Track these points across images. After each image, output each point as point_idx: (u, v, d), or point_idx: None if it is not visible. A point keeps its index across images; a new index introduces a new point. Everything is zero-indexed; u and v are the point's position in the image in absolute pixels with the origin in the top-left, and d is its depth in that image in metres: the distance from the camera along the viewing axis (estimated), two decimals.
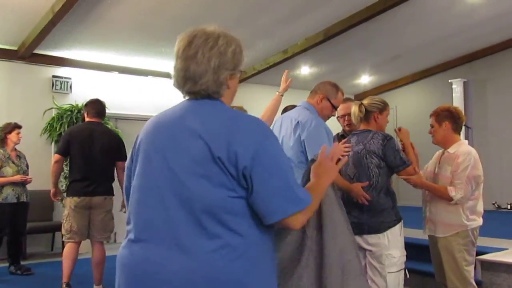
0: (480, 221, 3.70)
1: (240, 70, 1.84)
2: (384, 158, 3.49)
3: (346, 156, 3.67)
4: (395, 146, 3.52)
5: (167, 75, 9.91)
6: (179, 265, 1.60)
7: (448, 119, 3.78)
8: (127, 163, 1.92)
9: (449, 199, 3.57)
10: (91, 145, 5.06)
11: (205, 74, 1.71)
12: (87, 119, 5.34)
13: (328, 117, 3.75)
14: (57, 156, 5.16)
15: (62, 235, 5.24)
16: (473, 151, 3.73)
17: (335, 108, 3.72)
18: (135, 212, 1.75)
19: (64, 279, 4.92)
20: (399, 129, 3.78)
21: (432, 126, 3.83)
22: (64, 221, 5.08)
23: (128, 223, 1.78)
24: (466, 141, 3.92)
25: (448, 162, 3.71)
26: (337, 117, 4.39)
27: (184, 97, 1.83)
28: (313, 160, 2.19)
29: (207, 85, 1.72)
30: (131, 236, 1.74)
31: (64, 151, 5.13)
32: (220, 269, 1.60)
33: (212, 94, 1.75)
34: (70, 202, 5.04)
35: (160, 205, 1.67)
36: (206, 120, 1.69)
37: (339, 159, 2.04)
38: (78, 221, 4.99)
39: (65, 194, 5.28)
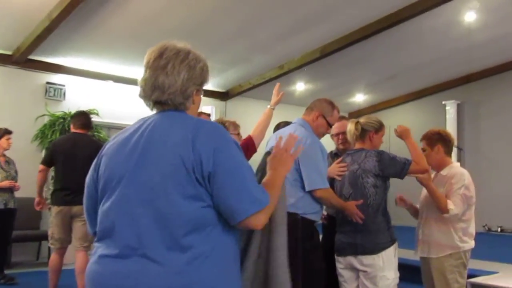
0: (472, 244, 3.70)
1: (203, 89, 1.90)
2: (383, 174, 3.47)
3: (341, 177, 3.66)
4: (389, 156, 3.51)
5: None
6: (155, 280, 1.62)
7: (440, 142, 3.78)
8: (87, 181, 1.91)
9: (445, 210, 3.52)
10: (73, 156, 5.15)
11: (174, 85, 1.77)
12: (72, 130, 5.48)
13: (323, 135, 3.73)
14: (41, 166, 5.34)
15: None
16: (466, 172, 3.75)
17: (330, 126, 3.70)
18: (107, 229, 1.75)
19: None
20: (396, 129, 3.71)
21: (424, 150, 3.79)
22: (49, 227, 5.29)
23: (99, 239, 1.79)
24: (458, 163, 3.92)
25: (441, 184, 3.70)
26: (331, 135, 4.37)
27: (151, 109, 1.87)
28: (268, 153, 2.20)
29: (175, 95, 1.78)
30: (103, 251, 1.74)
31: (48, 162, 5.33)
32: (195, 280, 1.63)
33: (178, 106, 1.80)
34: (52, 210, 5.20)
35: (132, 221, 1.68)
36: (173, 131, 1.73)
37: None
38: (59, 228, 5.13)
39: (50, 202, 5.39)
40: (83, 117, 5.51)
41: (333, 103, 3.71)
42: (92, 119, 7.32)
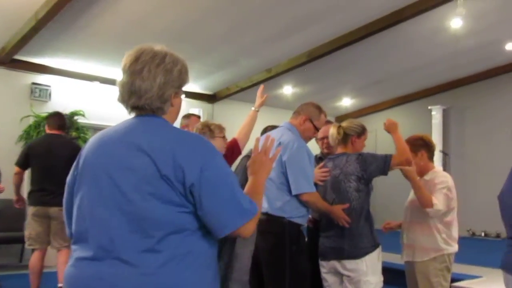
0: (456, 247, 3.73)
1: (183, 90, 1.89)
2: (366, 175, 3.47)
3: (323, 182, 3.66)
4: (369, 154, 3.53)
5: None
6: (129, 282, 1.62)
7: (423, 148, 3.81)
8: (68, 180, 1.90)
9: (429, 204, 3.53)
10: (49, 157, 5.17)
11: (150, 90, 1.75)
12: (47, 131, 5.48)
13: (310, 139, 3.74)
14: (16, 169, 5.32)
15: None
16: (448, 176, 3.79)
17: (317, 130, 3.72)
18: (82, 231, 1.75)
19: None
20: (385, 123, 3.69)
21: None
22: (26, 229, 5.31)
23: (75, 242, 1.79)
24: (441, 168, 3.95)
25: (425, 188, 3.72)
26: (316, 139, 4.39)
27: (129, 113, 1.85)
28: (248, 156, 2.20)
29: (152, 100, 1.76)
30: (79, 254, 1.74)
31: (23, 164, 5.31)
32: (168, 283, 1.64)
33: (156, 110, 1.79)
34: (29, 210, 5.26)
35: (108, 224, 1.68)
36: (152, 138, 1.71)
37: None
38: (36, 228, 5.17)
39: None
40: (57, 118, 5.51)
41: (321, 108, 3.72)
42: (78, 120, 7.31)
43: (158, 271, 1.62)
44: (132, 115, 1.84)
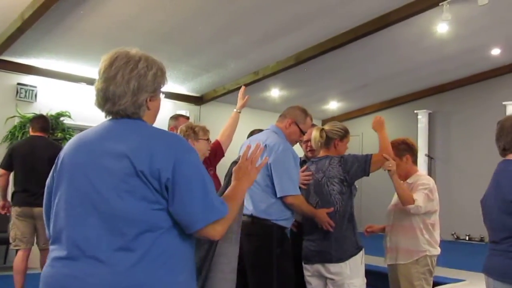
0: (438, 250, 3.76)
1: (162, 92, 1.90)
2: (349, 176, 3.49)
3: (306, 185, 3.67)
4: (350, 155, 3.56)
5: None
6: (102, 280, 1.63)
7: (408, 152, 3.84)
8: (47, 182, 1.91)
9: (410, 201, 3.55)
10: (32, 159, 5.27)
11: (124, 96, 1.76)
12: (31, 133, 5.57)
13: (296, 142, 3.76)
14: (1, 171, 5.37)
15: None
16: (431, 180, 3.83)
17: (303, 133, 3.73)
18: (59, 231, 1.75)
19: None
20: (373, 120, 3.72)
21: None
22: (11, 230, 5.36)
23: (52, 242, 1.79)
24: (425, 172, 3.99)
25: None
26: (300, 142, 4.40)
27: (105, 117, 1.87)
28: (235, 162, 2.22)
29: (125, 106, 1.77)
30: (56, 254, 1.75)
31: (7, 165, 5.37)
32: (141, 282, 1.64)
33: (131, 115, 1.80)
34: (13, 211, 5.31)
35: (83, 223, 1.69)
36: (127, 137, 1.74)
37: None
38: (22, 228, 5.25)
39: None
40: (41, 120, 5.60)
41: (306, 111, 3.73)
42: (64, 121, 7.27)
43: (131, 269, 1.63)
44: (109, 117, 1.86)
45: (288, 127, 3.66)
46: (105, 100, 1.78)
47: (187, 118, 5.00)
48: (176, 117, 4.85)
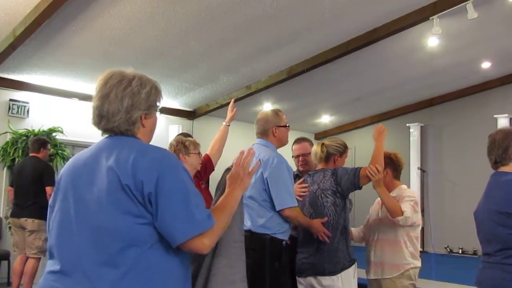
0: (420, 262, 3.78)
1: (158, 110, 1.95)
2: (341, 188, 3.49)
3: (303, 198, 3.69)
4: (341, 169, 3.57)
5: None
6: None
7: (389, 166, 3.83)
8: (50, 202, 1.94)
9: (399, 212, 3.54)
10: (20, 177, 6.29)
11: (118, 113, 1.81)
12: (30, 154, 6.53)
13: (287, 141, 3.74)
14: (9, 188, 6.72)
15: None
16: (415, 193, 3.88)
17: (288, 126, 3.73)
18: (54, 245, 1.80)
19: None
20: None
21: None
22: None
23: (50, 257, 1.84)
24: (405, 186, 3.99)
25: None
26: (293, 157, 4.41)
27: (101, 135, 1.91)
28: (228, 170, 2.21)
29: (119, 123, 1.83)
30: (50, 268, 1.79)
31: (10, 183, 6.74)
32: None
33: (125, 132, 1.84)
34: (11, 222, 6.39)
35: (72, 237, 1.73)
36: (116, 152, 1.78)
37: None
38: (15, 237, 6.29)
39: None
40: (33, 142, 6.56)
41: (274, 110, 3.75)
42: (56, 137, 7.29)
43: (113, 285, 1.63)
44: (105, 135, 1.91)
45: (275, 134, 3.65)
46: (100, 118, 1.84)
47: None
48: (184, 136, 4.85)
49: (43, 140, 6.62)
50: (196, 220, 1.72)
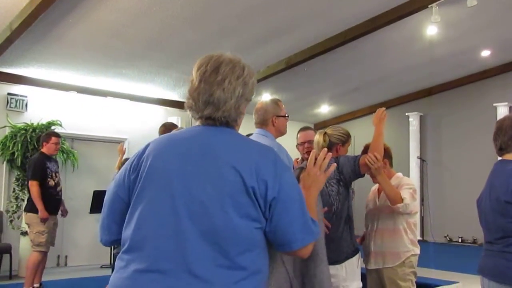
0: (419, 248, 3.79)
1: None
2: (344, 176, 3.46)
3: (335, 163, 3.64)
4: (342, 157, 3.53)
5: (127, 97, 9.77)
6: None
7: (385, 157, 3.75)
8: (119, 182, 1.77)
9: (399, 199, 3.52)
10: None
11: (229, 102, 1.70)
12: None
13: (286, 128, 3.72)
14: None
15: None
16: (413, 181, 3.87)
17: (287, 116, 3.71)
18: (144, 240, 1.62)
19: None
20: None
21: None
22: None
23: (129, 250, 1.65)
24: (401, 174, 3.96)
25: None
26: (296, 145, 4.40)
27: (196, 120, 1.79)
28: (302, 168, 2.20)
29: (229, 112, 1.72)
30: (138, 266, 1.60)
31: None
32: None
33: (231, 122, 1.75)
34: None
35: (177, 235, 1.58)
36: (235, 150, 1.68)
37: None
38: None
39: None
40: (39, 140, 6.64)
41: (273, 100, 3.71)
42: (55, 130, 7.29)
43: None
44: (196, 123, 1.79)
45: (274, 124, 3.63)
46: (207, 105, 1.71)
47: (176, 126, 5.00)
48: (171, 126, 4.84)
49: (44, 135, 6.45)
50: (311, 227, 1.70)
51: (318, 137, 3.69)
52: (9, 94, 7.91)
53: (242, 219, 1.59)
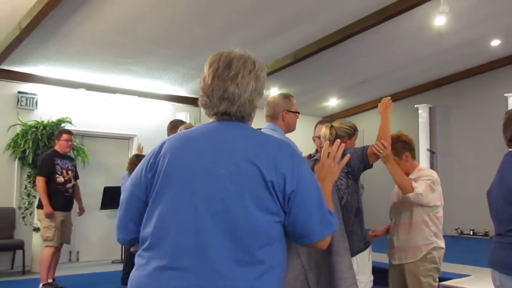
0: (443, 242, 3.72)
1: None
2: (351, 170, 3.44)
3: (348, 154, 3.61)
4: (349, 149, 3.46)
5: (135, 93, 9.78)
6: None
7: (406, 150, 3.76)
8: (135, 181, 1.78)
9: (410, 189, 3.48)
10: None
11: (243, 96, 1.72)
12: None
13: (295, 126, 3.71)
14: None
15: None
16: (434, 173, 3.76)
17: (298, 113, 3.70)
18: (164, 237, 1.62)
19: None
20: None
21: None
22: None
23: (149, 248, 1.65)
24: (424, 166, 3.92)
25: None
26: (313, 137, 4.37)
27: (210, 117, 1.79)
28: (316, 160, 2.20)
29: (244, 107, 1.73)
30: (159, 263, 1.61)
31: None
32: None
33: (246, 117, 1.77)
34: None
35: (198, 232, 1.59)
36: (253, 145, 1.70)
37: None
38: None
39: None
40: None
41: (286, 95, 3.69)
42: (65, 128, 7.35)
43: (253, 283, 1.57)
44: (210, 119, 1.80)
45: (284, 118, 3.62)
46: (222, 100, 1.72)
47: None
48: (178, 123, 4.84)
49: (56, 133, 6.61)
50: (329, 219, 1.72)
51: (324, 130, 3.66)
52: (19, 92, 7.97)
53: (262, 213, 1.60)
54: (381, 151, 3.34)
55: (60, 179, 6.09)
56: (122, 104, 9.05)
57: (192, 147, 1.72)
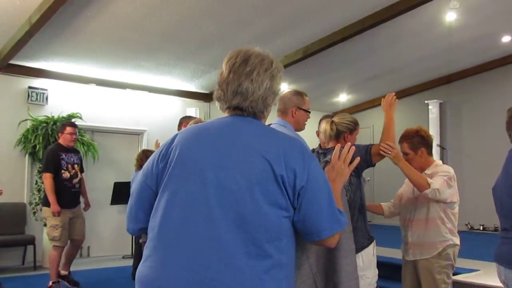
0: (459, 239, 3.70)
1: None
2: (355, 168, 3.42)
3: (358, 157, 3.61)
4: (353, 146, 3.48)
5: (145, 88, 9.81)
6: (231, 287, 1.56)
7: (423, 145, 3.72)
8: (147, 172, 1.80)
9: (425, 185, 3.44)
10: None
11: (257, 93, 1.74)
12: None
13: (305, 124, 3.71)
14: None
15: None
16: (451, 169, 3.70)
17: (308, 112, 3.69)
18: (172, 228, 1.64)
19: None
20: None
21: (406, 154, 3.72)
22: None
23: (156, 238, 1.68)
24: (441, 162, 3.90)
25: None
26: (317, 132, 4.35)
27: (223, 111, 1.83)
28: (326, 162, 2.22)
29: (257, 103, 1.75)
30: (166, 254, 1.64)
31: None
32: None
33: (258, 113, 1.78)
34: None
35: (208, 223, 1.60)
36: (264, 140, 1.71)
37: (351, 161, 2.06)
38: None
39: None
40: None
41: (299, 92, 3.67)
42: (75, 123, 7.38)
43: (262, 277, 1.58)
44: (224, 114, 1.82)
45: (294, 115, 3.61)
46: (235, 95, 1.75)
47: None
48: (188, 119, 4.85)
49: (59, 125, 6.49)
50: (338, 217, 1.72)
51: (325, 126, 3.63)
52: (29, 87, 8.01)
53: (271, 207, 1.61)
54: (389, 152, 3.32)
55: (66, 174, 5.90)
56: (132, 99, 9.08)
57: (204, 140, 1.74)
